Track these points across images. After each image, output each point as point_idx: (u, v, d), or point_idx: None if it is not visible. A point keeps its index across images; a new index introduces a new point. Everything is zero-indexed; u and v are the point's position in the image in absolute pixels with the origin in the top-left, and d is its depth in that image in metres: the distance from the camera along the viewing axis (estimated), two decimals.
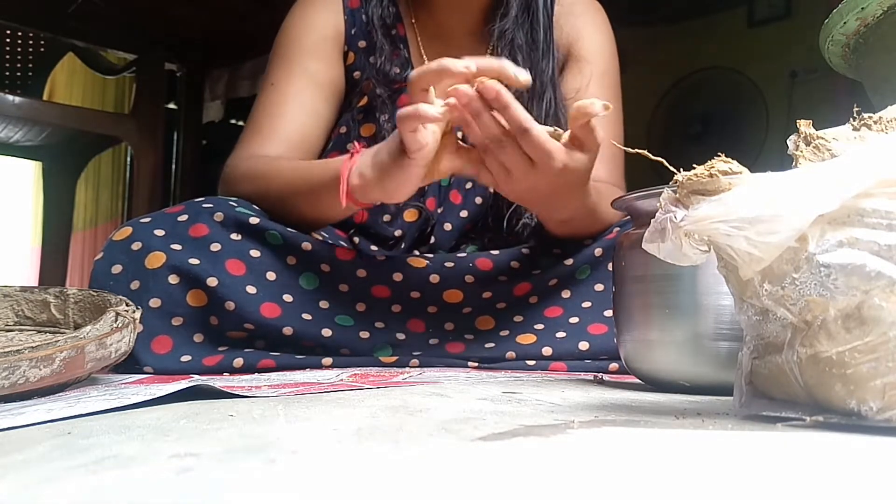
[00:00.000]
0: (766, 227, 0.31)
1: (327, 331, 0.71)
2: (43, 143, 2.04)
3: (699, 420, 0.36)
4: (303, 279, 0.73)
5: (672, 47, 2.22)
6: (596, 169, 0.69)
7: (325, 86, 0.89)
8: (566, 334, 0.73)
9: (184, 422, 0.35)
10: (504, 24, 0.85)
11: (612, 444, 0.29)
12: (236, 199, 0.77)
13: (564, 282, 0.77)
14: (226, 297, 0.68)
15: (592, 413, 0.38)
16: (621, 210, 0.57)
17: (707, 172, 0.34)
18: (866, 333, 0.30)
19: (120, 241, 0.70)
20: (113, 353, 0.50)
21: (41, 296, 0.60)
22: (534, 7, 0.86)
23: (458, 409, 0.39)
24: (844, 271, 0.31)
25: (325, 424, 0.34)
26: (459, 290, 0.77)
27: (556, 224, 0.78)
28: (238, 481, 0.23)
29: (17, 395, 0.44)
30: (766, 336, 0.35)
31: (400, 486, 0.22)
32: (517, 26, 0.85)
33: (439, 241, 0.87)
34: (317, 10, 0.91)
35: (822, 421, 0.32)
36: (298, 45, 0.89)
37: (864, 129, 0.35)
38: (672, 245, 0.35)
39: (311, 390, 0.49)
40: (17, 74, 2.51)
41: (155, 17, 2.00)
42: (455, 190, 0.88)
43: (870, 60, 0.59)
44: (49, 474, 0.24)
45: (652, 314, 0.50)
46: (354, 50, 0.91)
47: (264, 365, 0.68)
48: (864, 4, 0.55)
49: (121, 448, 0.28)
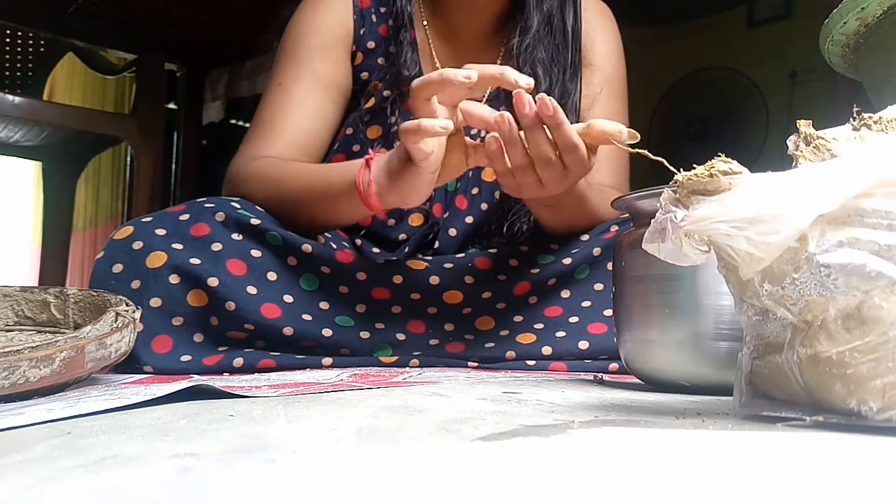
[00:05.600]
0: (766, 227, 0.31)
1: (327, 331, 0.71)
2: (43, 143, 2.04)
3: (699, 420, 0.36)
4: (303, 280, 0.73)
5: (672, 47, 2.22)
6: (600, 173, 0.69)
7: (332, 87, 0.89)
8: (566, 334, 0.73)
9: (184, 422, 0.35)
10: (524, 38, 0.85)
11: (612, 444, 0.29)
12: (238, 200, 0.77)
13: (564, 281, 0.77)
14: (226, 297, 0.68)
15: (592, 413, 0.38)
16: (621, 210, 0.57)
17: (707, 172, 0.34)
18: (866, 333, 0.30)
19: (121, 241, 0.70)
20: (113, 353, 0.50)
21: (41, 296, 0.60)
22: (557, 24, 0.86)
23: (458, 409, 0.39)
24: (844, 271, 0.31)
25: (325, 424, 0.34)
26: (459, 291, 0.77)
27: (542, 209, 0.78)
28: (238, 481, 0.23)
29: (17, 395, 0.44)
30: (766, 336, 0.35)
31: (400, 487, 0.22)
32: (538, 41, 0.85)
33: (443, 246, 0.87)
34: (326, 10, 0.90)
35: (822, 421, 0.32)
36: (307, 45, 0.89)
37: (864, 129, 0.35)
38: (672, 245, 0.35)
39: (311, 390, 0.49)
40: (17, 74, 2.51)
41: (155, 17, 2.01)
42: (461, 195, 0.88)
43: (870, 60, 0.59)
44: (49, 474, 0.24)
45: (652, 314, 0.50)
46: (363, 50, 0.90)
47: (264, 365, 0.68)
48: (864, 4, 0.55)
49: (121, 448, 0.28)
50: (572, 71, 0.86)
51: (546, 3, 0.86)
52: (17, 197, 3.55)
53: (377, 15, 0.91)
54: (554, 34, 0.86)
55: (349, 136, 0.90)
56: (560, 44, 0.86)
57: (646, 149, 0.41)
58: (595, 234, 0.80)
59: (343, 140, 0.90)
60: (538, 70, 0.84)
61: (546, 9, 0.86)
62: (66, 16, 1.92)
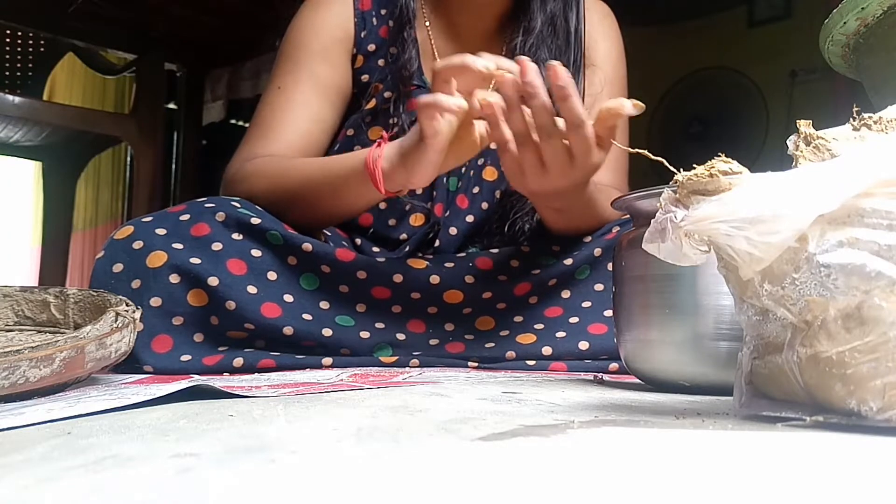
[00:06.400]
0: (767, 227, 0.31)
1: (327, 331, 0.71)
2: (43, 143, 2.04)
3: (699, 420, 0.36)
4: (303, 280, 0.73)
5: (672, 47, 2.22)
6: (600, 173, 0.69)
7: (332, 90, 0.89)
8: (566, 334, 0.73)
9: (184, 422, 0.35)
10: (528, 39, 0.85)
11: (612, 444, 0.29)
12: (238, 199, 0.77)
13: (564, 282, 0.77)
14: (226, 297, 0.68)
15: (592, 413, 0.38)
16: (621, 210, 0.57)
17: (707, 172, 0.34)
18: (866, 333, 0.30)
19: (121, 240, 0.70)
20: (113, 353, 0.50)
21: (41, 296, 0.60)
22: (560, 24, 0.86)
23: (458, 409, 0.39)
24: (844, 271, 0.31)
25: (325, 424, 0.34)
26: (459, 291, 0.77)
27: (551, 213, 0.78)
28: (238, 481, 0.23)
29: (17, 395, 0.44)
30: (766, 336, 0.35)
31: (400, 486, 0.22)
32: (542, 41, 0.85)
33: (444, 245, 0.87)
34: (326, 12, 0.90)
35: (822, 421, 0.32)
36: (306, 49, 0.89)
37: (864, 129, 0.35)
38: (672, 245, 0.35)
39: (311, 390, 0.49)
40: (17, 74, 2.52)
41: (155, 17, 2.01)
42: (462, 194, 0.88)
43: (870, 60, 0.59)
44: (49, 474, 0.24)
45: (652, 314, 0.50)
46: (364, 53, 0.90)
47: (264, 365, 0.68)
48: (864, 4, 0.55)
49: (121, 448, 0.28)
50: (574, 71, 0.86)
51: (549, 4, 0.86)
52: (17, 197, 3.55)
53: (378, 17, 0.90)
54: (557, 34, 0.86)
55: (350, 138, 0.90)
56: (563, 44, 0.86)
57: (646, 149, 0.41)
58: (596, 234, 0.80)
59: (344, 141, 0.90)
60: (541, 70, 0.84)
61: (549, 10, 0.86)
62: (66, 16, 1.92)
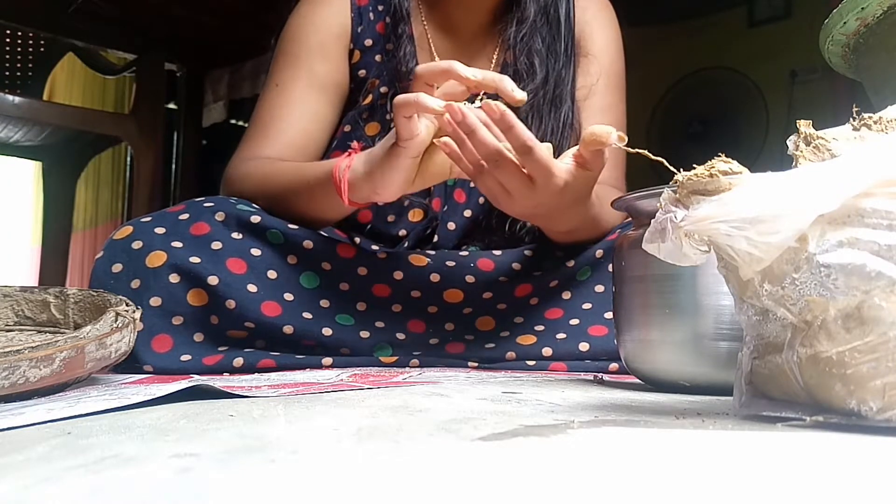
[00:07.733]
0: (767, 227, 0.31)
1: (328, 330, 0.71)
2: (43, 143, 2.04)
3: (699, 420, 0.36)
4: (303, 278, 0.73)
5: (672, 47, 2.22)
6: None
7: (330, 87, 0.89)
8: (566, 336, 0.73)
9: (184, 422, 0.35)
10: (521, 28, 0.85)
11: (612, 444, 0.29)
12: (238, 199, 0.77)
13: (565, 283, 0.77)
14: (226, 296, 0.68)
15: (592, 413, 0.38)
16: (621, 210, 0.57)
17: (707, 172, 0.34)
18: (866, 333, 0.30)
19: (121, 240, 0.70)
20: (113, 353, 0.50)
21: (41, 296, 0.60)
22: (552, 14, 0.86)
23: (458, 409, 0.39)
24: (844, 271, 0.31)
25: (325, 424, 0.34)
26: (460, 290, 0.77)
27: (559, 235, 0.78)
28: (238, 481, 0.23)
29: (17, 395, 0.44)
30: (766, 336, 0.35)
31: (400, 486, 0.22)
32: (534, 31, 0.85)
33: (442, 240, 0.87)
34: (323, 9, 0.90)
35: (822, 421, 0.32)
36: (304, 45, 0.89)
37: (864, 129, 0.35)
38: (672, 245, 0.35)
39: (311, 390, 0.49)
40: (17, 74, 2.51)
41: (155, 17, 2.00)
42: (460, 189, 0.88)
43: (870, 60, 0.59)
44: (49, 474, 0.24)
45: (652, 314, 0.50)
46: (360, 48, 0.90)
47: (264, 365, 0.68)
48: (864, 4, 0.55)
49: (121, 448, 0.28)
50: (566, 59, 0.86)
51: None
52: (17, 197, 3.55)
53: (374, 13, 0.91)
54: (550, 24, 0.86)
55: (348, 133, 0.90)
56: (555, 34, 0.86)
57: (646, 149, 0.41)
58: None
59: (341, 137, 0.90)
60: (534, 60, 0.85)
61: (542, 0, 0.86)
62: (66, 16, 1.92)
